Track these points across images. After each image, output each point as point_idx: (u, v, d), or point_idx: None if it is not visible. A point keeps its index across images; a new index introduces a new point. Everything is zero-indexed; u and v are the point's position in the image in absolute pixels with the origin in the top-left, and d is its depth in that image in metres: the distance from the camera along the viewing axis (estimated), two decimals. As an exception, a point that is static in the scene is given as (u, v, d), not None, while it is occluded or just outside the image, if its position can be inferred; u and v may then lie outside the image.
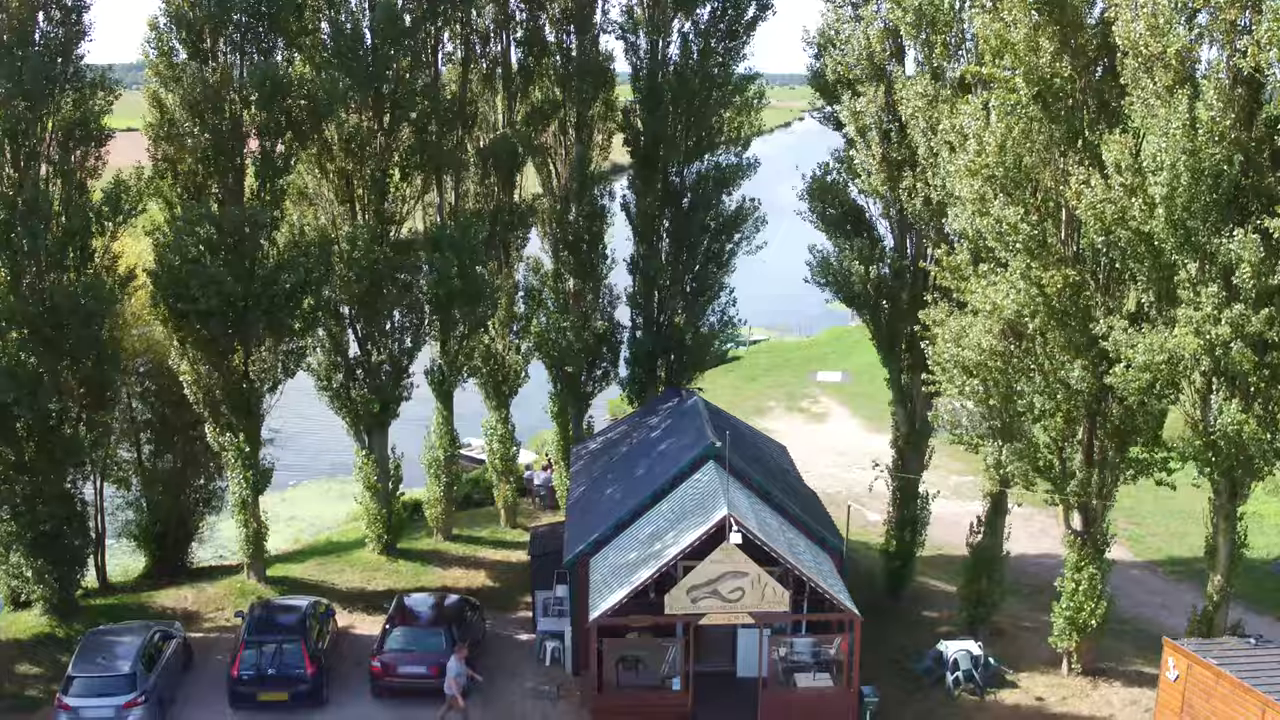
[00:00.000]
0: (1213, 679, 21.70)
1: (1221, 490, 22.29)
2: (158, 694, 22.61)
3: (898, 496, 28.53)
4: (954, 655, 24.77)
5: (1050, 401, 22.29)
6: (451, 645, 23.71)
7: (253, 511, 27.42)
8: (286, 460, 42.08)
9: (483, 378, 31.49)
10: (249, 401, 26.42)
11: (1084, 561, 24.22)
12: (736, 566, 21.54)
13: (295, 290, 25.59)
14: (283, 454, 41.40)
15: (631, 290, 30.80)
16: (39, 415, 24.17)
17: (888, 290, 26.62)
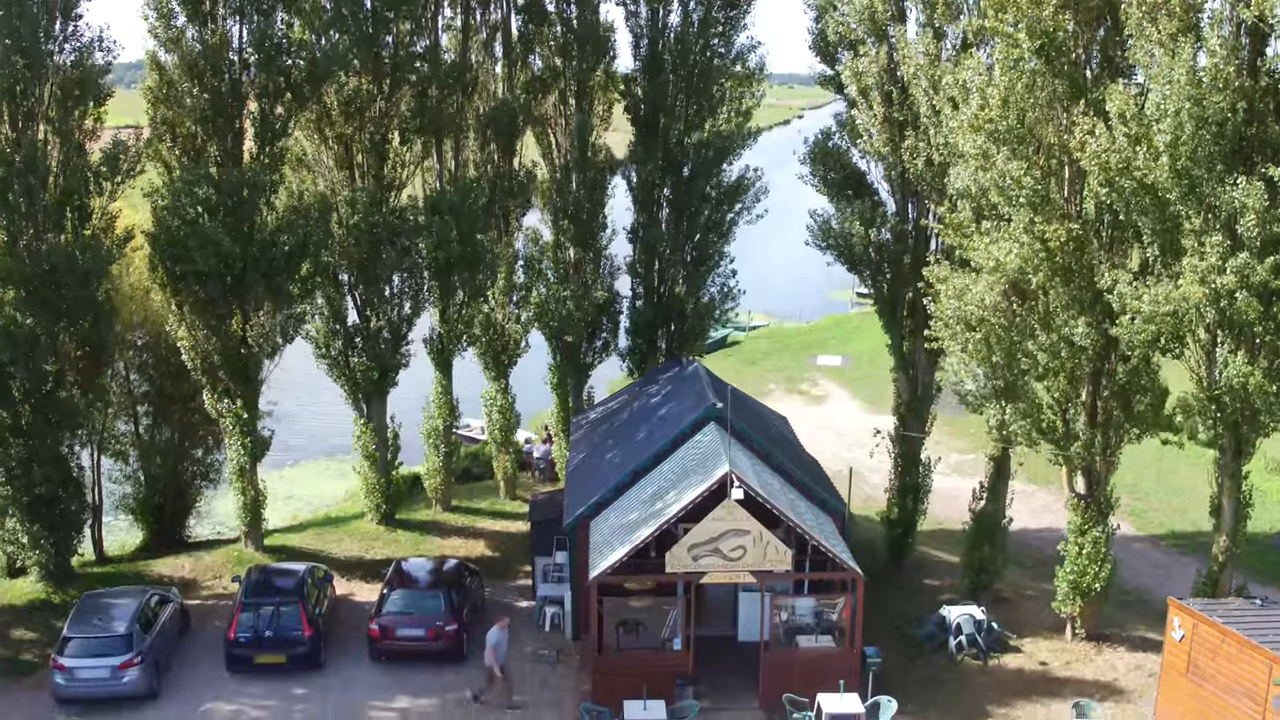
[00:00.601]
0: (1219, 637, 21.52)
1: (1226, 448, 22.13)
2: (154, 656, 22.42)
3: (899, 464, 28.36)
4: (957, 619, 24.60)
5: (1054, 360, 22.14)
6: (450, 608, 23.55)
7: (250, 480, 27.23)
8: (285, 440, 42.01)
9: (482, 347, 31.31)
10: (247, 367, 26.22)
11: (1087, 525, 24.08)
12: (738, 524, 21.35)
13: (294, 253, 25.43)
14: (281, 434, 41.39)
15: (632, 259, 30.67)
16: (35, 377, 23.97)
17: (889, 254, 26.49)
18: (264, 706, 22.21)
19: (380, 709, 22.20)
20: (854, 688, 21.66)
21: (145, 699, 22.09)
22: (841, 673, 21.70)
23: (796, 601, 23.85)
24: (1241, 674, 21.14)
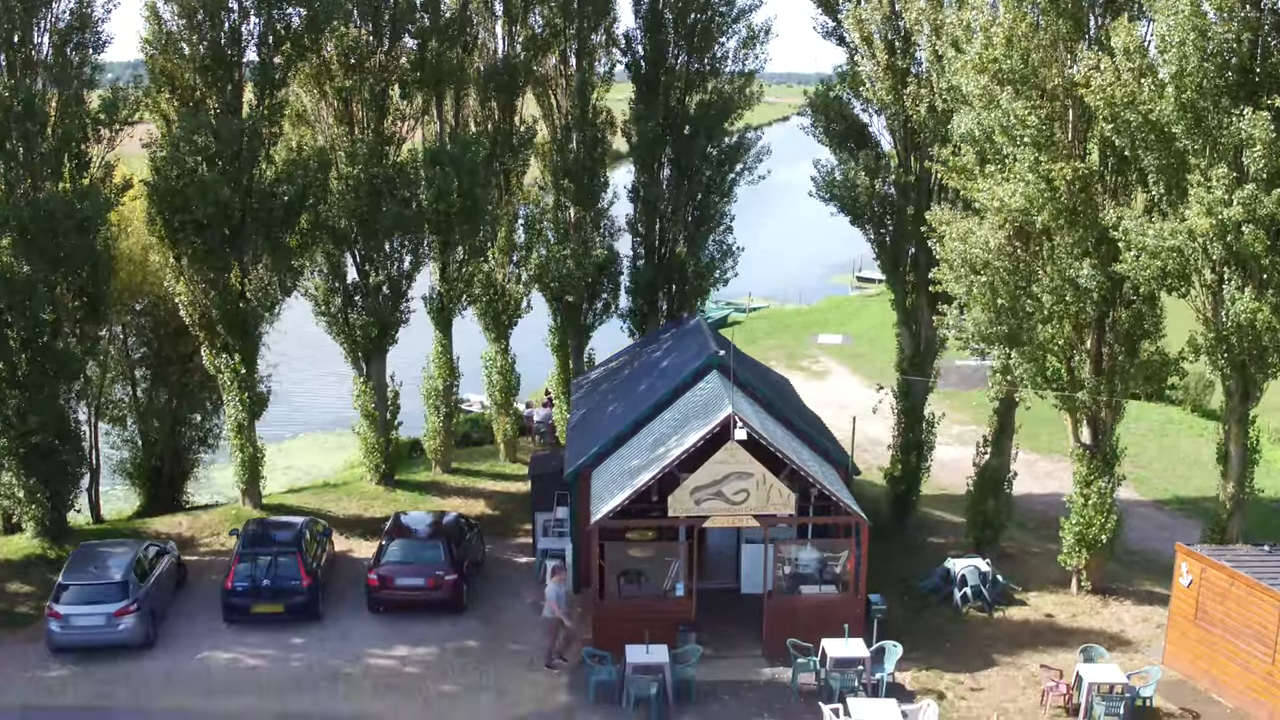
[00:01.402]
0: (1227, 581, 21.30)
1: (1234, 391, 21.91)
2: (149, 605, 22.17)
3: (902, 420, 28.14)
4: (961, 571, 24.37)
5: (1059, 303, 21.93)
6: (450, 558, 23.31)
7: (248, 437, 26.99)
8: (284, 414, 41.99)
9: (482, 307, 31.11)
10: (245, 322, 25.99)
11: (1093, 475, 23.86)
12: (741, 467, 21.12)
13: (293, 204, 25.23)
14: (280, 408, 41.29)
15: (632, 218, 30.49)
16: (32, 325, 23.75)
17: (892, 207, 26.29)
18: (261, 655, 21.97)
19: (379, 657, 21.96)
20: (858, 634, 21.44)
21: (141, 648, 21.83)
22: (846, 619, 21.46)
23: (800, 553, 23.64)
24: (1251, 617, 20.92)
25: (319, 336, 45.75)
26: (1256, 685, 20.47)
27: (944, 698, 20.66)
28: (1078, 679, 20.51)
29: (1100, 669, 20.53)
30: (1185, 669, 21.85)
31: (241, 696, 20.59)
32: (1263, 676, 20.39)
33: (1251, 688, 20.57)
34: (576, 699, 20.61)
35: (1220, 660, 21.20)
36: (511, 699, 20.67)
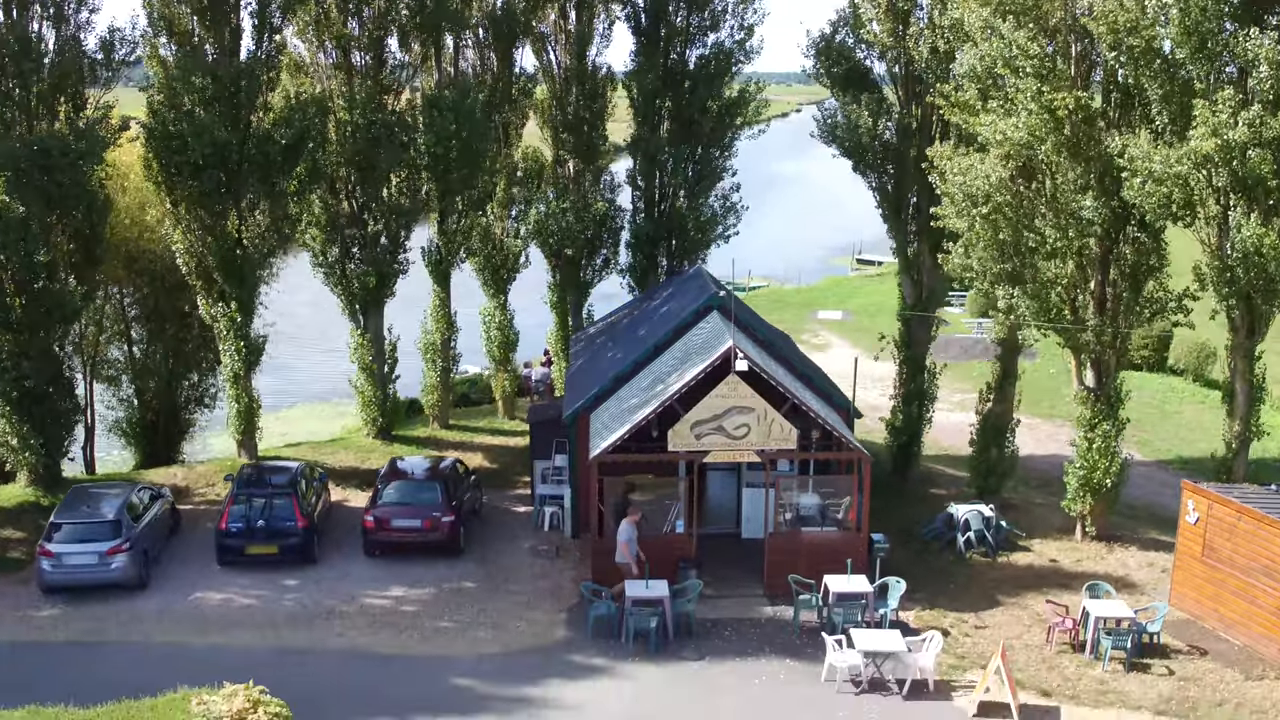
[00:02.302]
0: (1234, 516, 21.02)
1: (1239, 326, 21.68)
2: (142, 546, 21.89)
3: (904, 370, 27.87)
4: (964, 516, 24.09)
5: (1062, 238, 21.69)
6: (447, 500, 23.03)
7: (244, 386, 26.69)
8: (282, 387, 41.83)
9: (480, 262, 30.87)
10: (242, 269, 25.71)
11: (1097, 419, 23.61)
12: (742, 401, 20.85)
13: (291, 148, 24.98)
14: (278, 381, 41.13)
15: (632, 171, 30.26)
16: (26, 266, 23.50)
17: (894, 152, 26.05)
18: (254, 595, 21.67)
19: (374, 597, 21.66)
20: (861, 572, 21.18)
21: (133, 588, 21.54)
22: (848, 557, 21.21)
23: (801, 497, 23.41)
24: (1259, 551, 20.63)
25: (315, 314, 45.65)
26: (1265, 621, 20.17)
27: (948, 635, 20.39)
28: (1084, 614, 20.25)
29: (1106, 604, 20.26)
30: (1192, 608, 21.56)
31: (235, 632, 20.29)
32: (1272, 612, 20.08)
33: (1260, 623, 20.28)
34: (575, 634, 20.33)
35: (1228, 597, 20.91)
36: (509, 634, 20.38)
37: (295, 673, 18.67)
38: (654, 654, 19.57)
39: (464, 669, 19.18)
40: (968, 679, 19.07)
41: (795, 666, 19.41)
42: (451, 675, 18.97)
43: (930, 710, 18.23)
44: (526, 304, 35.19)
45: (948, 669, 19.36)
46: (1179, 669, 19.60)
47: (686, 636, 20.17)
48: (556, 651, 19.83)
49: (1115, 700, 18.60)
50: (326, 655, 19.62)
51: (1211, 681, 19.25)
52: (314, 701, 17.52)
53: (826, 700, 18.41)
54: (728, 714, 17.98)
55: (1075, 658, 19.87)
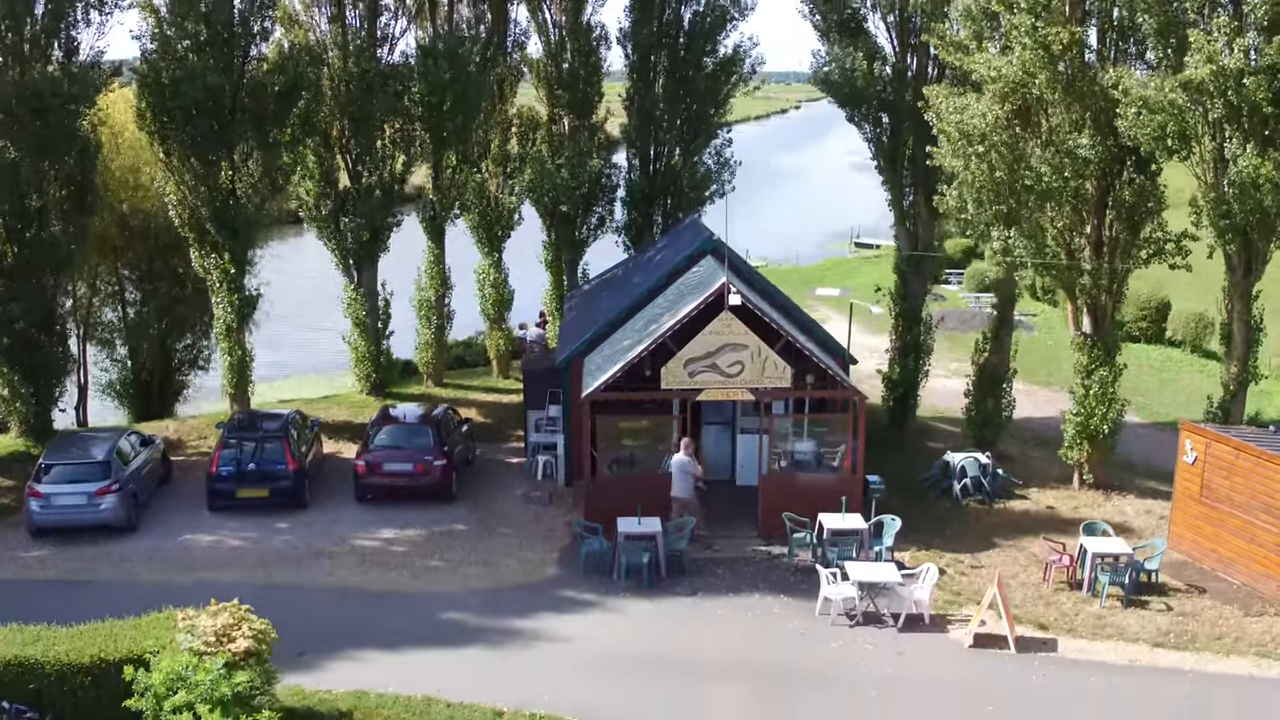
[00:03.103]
0: (1232, 454, 20.81)
1: (1236, 265, 21.53)
2: (132, 489, 21.73)
3: (900, 323, 27.72)
4: (961, 463, 23.91)
5: (1058, 178, 21.53)
6: (439, 444, 22.88)
7: (237, 339, 26.51)
8: (277, 360, 41.68)
9: (474, 219, 30.72)
10: (235, 220, 25.56)
11: (1094, 364, 23.47)
12: (735, 339, 20.70)
13: (284, 96, 24.84)
14: (273, 353, 40.99)
15: (627, 127, 30.13)
16: (18, 212, 23.37)
17: (888, 101, 25.92)
18: (244, 537, 21.53)
19: (365, 539, 21.52)
20: (856, 512, 21.01)
21: (122, 530, 21.41)
22: (843, 494, 21.01)
23: (797, 444, 23.25)
24: (1258, 488, 20.41)
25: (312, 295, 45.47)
26: (1265, 558, 19.97)
27: (944, 574, 20.20)
28: (1081, 551, 20.06)
29: (1104, 542, 20.10)
30: (1190, 550, 21.36)
31: (224, 571, 20.11)
32: (1271, 549, 19.88)
33: (1259, 561, 20.08)
34: (566, 572, 20.18)
35: (1227, 537, 20.72)
36: (500, 572, 20.23)
37: (284, 607, 18.39)
38: (646, 590, 19.40)
39: (454, 603, 19.03)
40: (963, 613, 18.89)
41: (789, 602, 19.23)
42: (441, 609, 18.82)
43: (926, 642, 18.05)
44: (523, 273, 35.04)
45: (943, 604, 19.18)
46: (1177, 606, 19.42)
47: (679, 574, 20.00)
48: (548, 587, 19.67)
49: (1113, 633, 18.41)
50: (316, 591, 19.48)
51: (1210, 617, 19.06)
52: (302, 633, 17.31)
53: (821, 632, 18.23)
54: (720, 645, 17.79)
55: (1073, 595, 19.69)
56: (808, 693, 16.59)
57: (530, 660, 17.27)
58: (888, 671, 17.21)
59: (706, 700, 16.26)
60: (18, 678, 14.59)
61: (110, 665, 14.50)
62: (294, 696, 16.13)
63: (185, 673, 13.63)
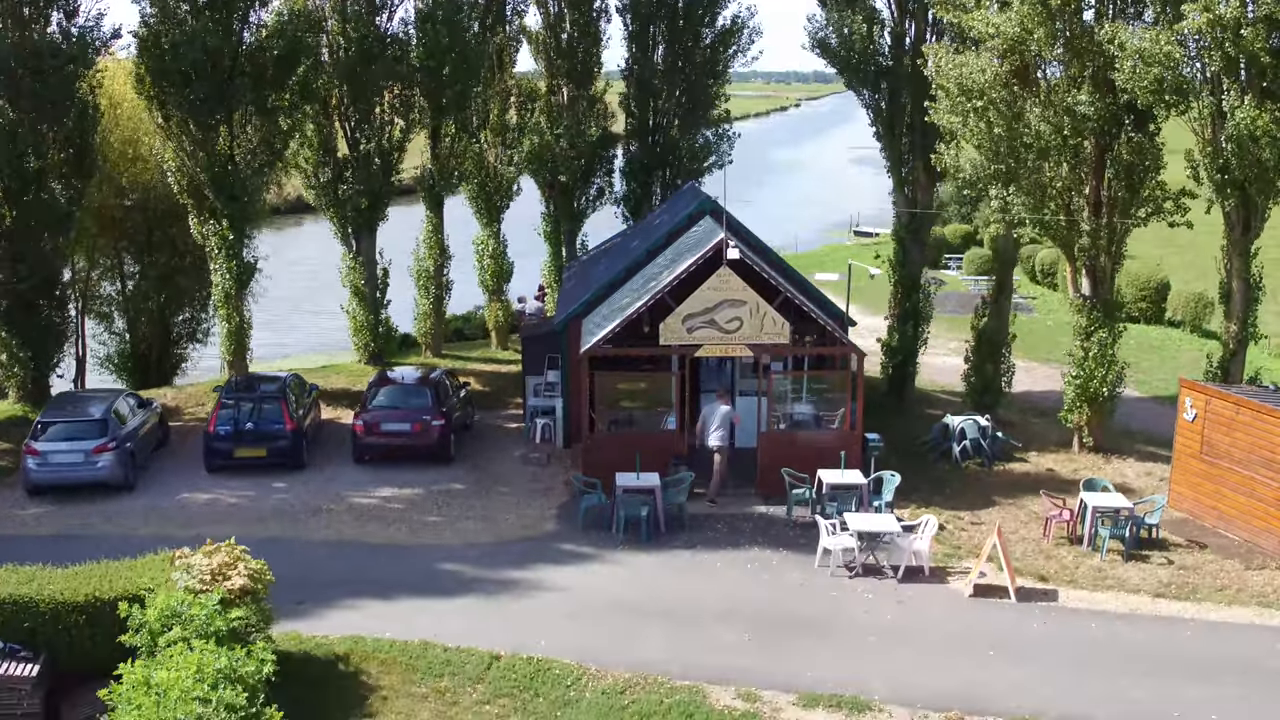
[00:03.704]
0: (1233, 410, 20.74)
1: (1235, 222, 21.48)
2: (129, 448, 21.67)
3: (898, 290, 27.66)
4: (960, 425, 23.85)
5: (1056, 136, 21.49)
6: (438, 405, 22.82)
7: (235, 306, 26.45)
8: (278, 341, 41.67)
9: (473, 190, 30.68)
10: (233, 185, 25.51)
11: (1093, 326, 23.39)
12: (734, 294, 20.65)
13: (284, 60, 24.80)
14: (274, 336, 40.96)
15: (626, 97, 30.10)
16: (17, 174, 23.35)
17: (887, 67, 25.87)
18: (241, 495, 21.48)
19: (363, 497, 21.45)
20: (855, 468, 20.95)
21: (119, 488, 21.34)
22: (842, 450, 20.93)
23: (795, 407, 23.19)
24: (1258, 443, 20.34)
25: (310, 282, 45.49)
26: (1265, 513, 19.90)
27: (943, 529, 20.14)
28: (1081, 506, 19.99)
29: (1104, 497, 20.03)
30: (1190, 508, 21.30)
31: (221, 527, 19.89)
32: (1272, 504, 19.80)
33: (1260, 516, 20.00)
34: (565, 527, 20.12)
35: (1227, 494, 20.65)
36: (498, 526, 20.19)
37: (281, 559, 18.24)
38: (645, 544, 19.34)
39: (451, 555, 18.98)
40: (963, 566, 18.82)
41: (788, 555, 19.17)
42: (438, 561, 18.77)
43: (925, 592, 17.98)
44: (522, 249, 35.03)
45: (942, 557, 19.12)
46: (1178, 560, 19.35)
47: (678, 530, 19.94)
48: (546, 541, 19.62)
49: (1114, 584, 18.35)
50: (313, 545, 19.44)
51: (1211, 570, 19.00)
52: (299, 583, 17.30)
53: (820, 583, 18.16)
54: (719, 594, 17.72)
55: (1073, 549, 19.63)
56: (806, 637, 16.51)
57: (527, 608, 17.21)
58: (887, 619, 17.15)
59: (705, 644, 16.19)
60: (12, 616, 14.53)
61: (105, 604, 14.44)
62: (290, 641, 16.11)
63: (180, 608, 13.58)
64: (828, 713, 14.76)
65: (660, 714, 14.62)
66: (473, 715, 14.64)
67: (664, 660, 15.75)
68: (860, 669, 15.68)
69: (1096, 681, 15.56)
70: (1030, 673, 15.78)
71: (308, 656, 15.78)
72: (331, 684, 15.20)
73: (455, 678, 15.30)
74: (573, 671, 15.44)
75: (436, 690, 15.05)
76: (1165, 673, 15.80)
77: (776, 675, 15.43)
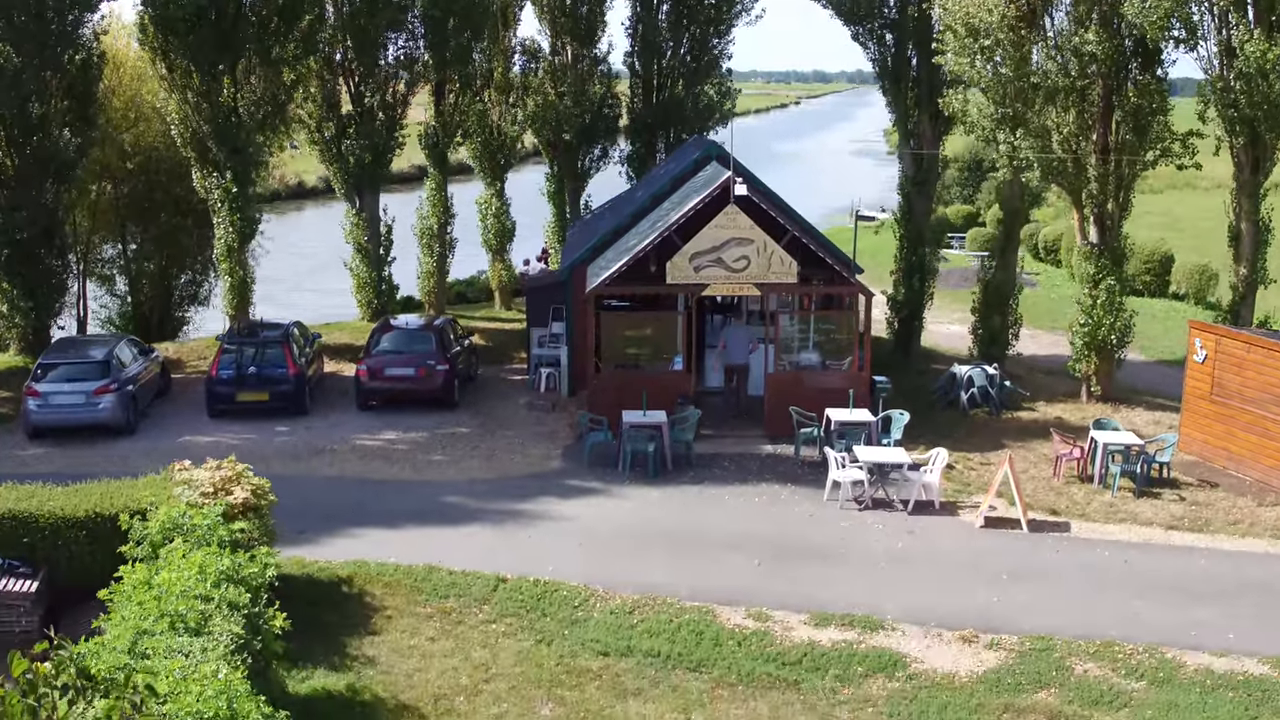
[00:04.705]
0: (1243, 349, 20.57)
1: (1244, 162, 21.34)
2: (131, 391, 21.48)
3: (904, 245, 27.50)
4: (968, 374, 23.67)
5: (1064, 77, 21.34)
6: (442, 350, 22.63)
7: (238, 260, 26.24)
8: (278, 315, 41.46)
9: (477, 148, 30.50)
10: (237, 137, 25.34)
11: (1101, 273, 23.24)
12: (741, 233, 20.49)
13: (285, 9, 24.64)
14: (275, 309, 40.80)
15: (630, 54, 29.94)
16: (20, 119, 23.19)
17: (893, 20, 25.72)
18: (244, 438, 21.22)
19: (367, 439, 21.27)
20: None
21: (120, 431, 21.15)
22: (849, 389, 20.77)
23: (803, 354, 23.02)
24: (1270, 381, 20.14)
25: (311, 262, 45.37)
26: (1277, 452, 19.69)
27: (953, 468, 19.96)
28: (1091, 445, 19.82)
29: (1115, 434, 19.86)
30: (1201, 451, 21.12)
31: (224, 465, 19.86)
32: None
33: (1271, 456, 19.80)
34: (571, 465, 19.94)
35: (1238, 434, 20.47)
36: (503, 464, 20.03)
37: (284, 493, 17.91)
38: (651, 479, 19.16)
39: (456, 489, 18.84)
40: (973, 500, 18.65)
41: (797, 490, 19.02)
42: (443, 495, 18.59)
43: (936, 523, 17.82)
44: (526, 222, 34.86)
45: (952, 493, 18.95)
46: (1190, 497, 19.18)
47: (685, 467, 19.76)
48: (552, 477, 19.47)
49: (1126, 518, 18.18)
50: (316, 480, 19.28)
51: (1224, 506, 18.84)
52: (302, 515, 17.09)
53: (829, 515, 18.01)
54: (727, 523, 17.56)
55: (1084, 487, 19.46)
56: (817, 564, 16.35)
57: (534, 536, 17.05)
58: (898, 547, 16.98)
59: (714, 569, 16.03)
60: (11, 532, 14.34)
61: (106, 519, 14.22)
62: (293, 565, 15.90)
63: (182, 520, 13.37)
64: (840, 631, 14.60)
65: (670, 632, 14.45)
66: (479, 634, 14.46)
67: (672, 584, 15.57)
68: (872, 592, 15.52)
69: (1111, 603, 15.38)
70: (1044, 595, 15.62)
71: (310, 579, 15.59)
72: (335, 604, 15.02)
73: (461, 599, 15.12)
74: (580, 593, 15.27)
75: (442, 610, 14.87)
76: (1180, 596, 15.65)
77: (787, 598, 15.27)
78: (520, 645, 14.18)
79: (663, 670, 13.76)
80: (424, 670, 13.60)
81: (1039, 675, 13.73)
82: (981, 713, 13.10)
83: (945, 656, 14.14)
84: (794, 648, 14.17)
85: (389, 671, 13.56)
